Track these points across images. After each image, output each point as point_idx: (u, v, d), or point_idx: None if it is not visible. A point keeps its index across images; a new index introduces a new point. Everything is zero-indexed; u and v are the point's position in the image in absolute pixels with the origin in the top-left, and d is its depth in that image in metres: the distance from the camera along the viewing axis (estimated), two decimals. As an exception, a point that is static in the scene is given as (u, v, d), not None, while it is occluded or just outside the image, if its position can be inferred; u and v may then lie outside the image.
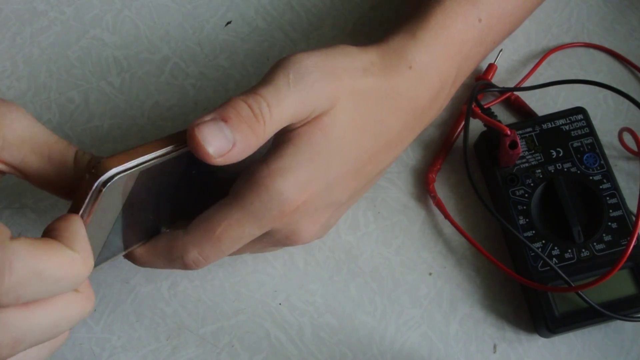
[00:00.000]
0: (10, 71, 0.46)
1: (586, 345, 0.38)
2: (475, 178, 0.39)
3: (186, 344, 0.39)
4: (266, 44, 0.46)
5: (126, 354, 0.38)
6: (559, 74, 0.45)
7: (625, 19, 0.47)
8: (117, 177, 0.27)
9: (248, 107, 0.28)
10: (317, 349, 0.38)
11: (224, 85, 0.45)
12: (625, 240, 0.38)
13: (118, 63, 0.46)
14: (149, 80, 0.45)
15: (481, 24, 0.37)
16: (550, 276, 0.37)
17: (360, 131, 0.33)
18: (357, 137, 0.33)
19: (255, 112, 0.28)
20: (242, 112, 0.28)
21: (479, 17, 0.37)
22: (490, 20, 0.38)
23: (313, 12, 0.47)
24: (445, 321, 0.39)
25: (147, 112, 0.44)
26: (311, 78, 0.30)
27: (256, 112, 0.28)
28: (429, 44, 0.35)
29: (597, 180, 0.39)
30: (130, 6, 0.47)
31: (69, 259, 0.24)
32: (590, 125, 0.41)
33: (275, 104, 0.29)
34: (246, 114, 0.28)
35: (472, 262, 0.40)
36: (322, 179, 0.32)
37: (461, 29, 0.36)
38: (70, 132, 0.44)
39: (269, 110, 0.29)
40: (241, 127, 0.28)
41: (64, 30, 0.47)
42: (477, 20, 0.37)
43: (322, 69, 0.31)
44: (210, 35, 0.47)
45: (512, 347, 0.38)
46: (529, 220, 0.39)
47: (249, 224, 0.31)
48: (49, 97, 0.45)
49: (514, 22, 0.41)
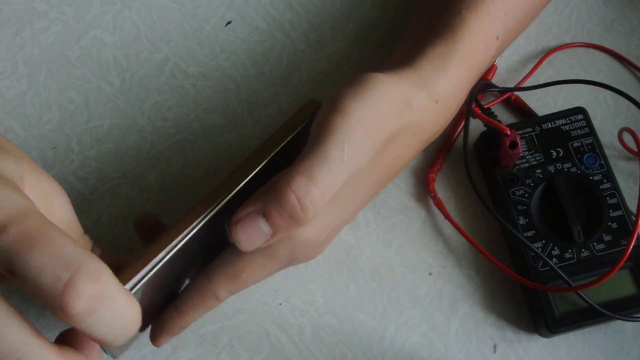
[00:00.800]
0: (10, 71, 0.46)
1: (586, 345, 0.38)
2: (475, 178, 0.39)
3: (186, 344, 0.39)
4: (266, 44, 0.46)
5: (126, 354, 0.38)
6: (559, 74, 0.45)
7: (625, 19, 0.47)
8: (134, 291, 0.27)
9: (295, 198, 0.27)
10: (317, 349, 0.38)
11: (224, 85, 0.45)
12: (625, 240, 0.38)
13: (118, 63, 0.46)
14: (149, 80, 0.45)
15: (498, 41, 0.37)
16: (550, 276, 0.37)
17: (382, 171, 0.33)
18: (378, 177, 0.33)
19: (303, 204, 0.27)
20: (287, 207, 0.27)
21: (497, 34, 0.36)
22: (505, 35, 0.38)
23: (313, 12, 0.47)
24: (445, 321, 0.39)
25: (147, 112, 0.44)
26: (362, 149, 0.29)
27: (304, 205, 0.27)
28: (456, 73, 0.34)
29: (597, 180, 0.39)
30: (130, 6, 0.47)
31: None
32: (590, 125, 0.41)
33: (328, 187, 0.27)
34: (291, 208, 0.27)
35: (472, 262, 0.40)
36: (342, 217, 0.32)
37: (482, 50, 0.35)
38: (70, 132, 0.44)
39: (321, 195, 0.27)
40: (282, 224, 0.27)
41: (64, 30, 0.47)
42: (495, 39, 0.36)
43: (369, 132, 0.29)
44: (210, 35, 0.47)
45: (512, 347, 0.38)
46: (529, 220, 0.39)
47: (273, 266, 0.32)
48: (49, 97, 0.45)
49: (522, 30, 0.41)
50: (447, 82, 0.33)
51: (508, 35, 0.38)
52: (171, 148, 0.43)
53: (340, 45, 0.46)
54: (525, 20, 0.40)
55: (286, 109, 0.44)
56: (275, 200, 0.27)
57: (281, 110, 0.44)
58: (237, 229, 0.28)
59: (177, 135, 0.44)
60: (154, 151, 0.43)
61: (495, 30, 0.36)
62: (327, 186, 0.27)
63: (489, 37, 0.36)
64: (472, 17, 0.35)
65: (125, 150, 0.43)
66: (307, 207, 0.27)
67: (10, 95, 0.45)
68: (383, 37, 0.47)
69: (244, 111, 0.44)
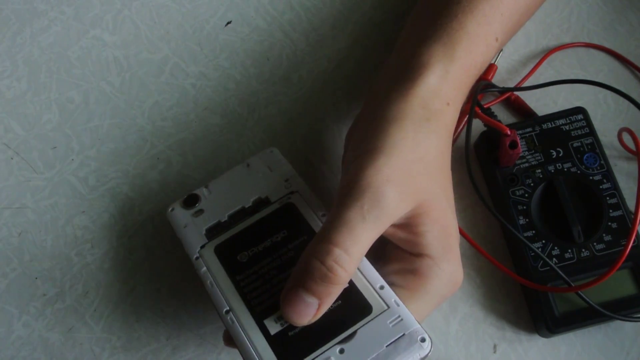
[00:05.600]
0: (10, 71, 0.46)
1: (586, 345, 0.38)
2: (475, 178, 0.39)
3: (186, 344, 0.39)
4: (266, 44, 0.46)
5: (126, 354, 0.38)
6: (559, 74, 0.45)
7: (625, 19, 0.47)
8: None
9: (319, 262, 0.28)
10: (317, 349, 0.38)
11: (224, 85, 0.45)
12: (625, 240, 0.38)
13: (118, 63, 0.46)
14: (149, 80, 0.45)
15: (497, 43, 0.37)
16: (550, 276, 0.37)
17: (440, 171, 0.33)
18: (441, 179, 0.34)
19: (328, 265, 0.28)
20: (316, 274, 0.28)
21: (496, 36, 0.37)
22: (504, 36, 0.38)
23: (313, 12, 0.47)
24: (445, 321, 0.39)
25: (147, 112, 0.44)
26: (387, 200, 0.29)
27: (329, 265, 0.28)
28: (458, 78, 0.35)
29: (597, 180, 0.39)
30: (130, 6, 0.47)
31: None
32: (590, 125, 0.41)
33: (351, 245, 0.29)
34: (320, 274, 0.28)
35: (472, 262, 0.40)
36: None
37: (483, 51, 0.36)
38: (70, 132, 0.44)
39: (347, 255, 0.29)
40: (320, 289, 0.29)
41: (64, 30, 0.47)
42: (494, 40, 0.37)
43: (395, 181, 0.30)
44: (210, 35, 0.47)
45: (512, 347, 0.38)
46: (529, 220, 0.39)
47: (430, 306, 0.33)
48: (49, 97, 0.45)
49: (519, 29, 0.42)
50: (451, 88, 0.34)
51: (506, 35, 0.39)
52: (171, 148, 0.43)
53: (341, 45, 0.46)
54: (523, 18, 0.40)
55: (286, 109, 0.44)
56: (305, 271, 0.29)
57: (281, 110, 0.44)
58: (285, 308, 0.29)
59: (177, 135, 0.44)
60: (154, 151, 0.43)
61: (493, 32, 0.36)
62: (351, 245, 0.29)
63: (488, 38, 0.36)
64: (469, 19, 0.35)
65: (125, 150, 0.43)
66: (332, 266, 0.28)
67: (10, 95, 0.45)
68: (383, 38, 0.47)
69: (244, 111, 0.44)
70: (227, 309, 0.31)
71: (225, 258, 0.34)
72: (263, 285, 0.32)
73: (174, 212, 0.37)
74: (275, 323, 0.30)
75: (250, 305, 0.31)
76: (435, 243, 0.31)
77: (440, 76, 0.33)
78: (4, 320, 0.39)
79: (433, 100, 0.33)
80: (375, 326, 0.29)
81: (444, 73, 0.34)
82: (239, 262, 0.33)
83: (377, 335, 0.29)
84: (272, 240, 0.34)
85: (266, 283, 0.32)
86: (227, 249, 0.34)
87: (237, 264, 0.33)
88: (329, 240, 0.29)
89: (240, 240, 0.34)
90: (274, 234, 0.34)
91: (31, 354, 0.39)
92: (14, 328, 0.39)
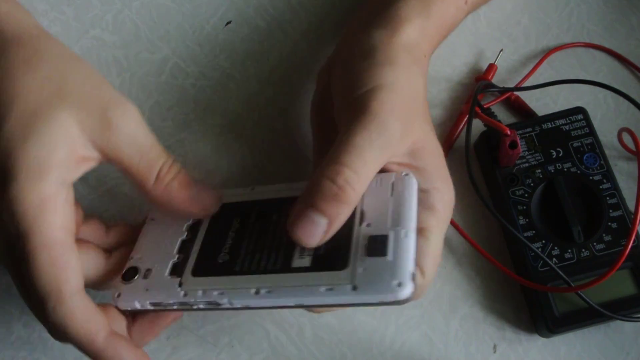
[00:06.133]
0: (10, 71, 0.46)
1: (586, 345, 0.38)
2: (476, 178, 0.39)
3: (186, 344, 0.39)
4: (266, 44, 0.46)
5: (126, 354, 0.38)
6: (559, 74, 0.45)
7: (625, 19, 0.47)
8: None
9: (332, 183, 0.29)
10: (317, 349, 0.38)
11: (224, 85, 0.45)
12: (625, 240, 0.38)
13: (118, 63, 0.46)
14: (149, 80, 0.45)
15: (466, 6, 0.40)
16: (550, 276, 0.37)
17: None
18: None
19: (339, 184, 0.29)
20: (327, 193, 0.29)
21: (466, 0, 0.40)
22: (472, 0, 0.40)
23: (313, 12, 0.47)
24: (445, 321, 0.39)
25: (147, 112, 0.44)
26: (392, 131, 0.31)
27: (340, 184, 0.29)
28: (432, 35, 0.37)
29: (597, 180, 0.39)
30: (130, 6, 0.47)
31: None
32: (590, 125, 0.41)
33: (361, 166, 0.29)
34: (332, 192, 0.29)
35: (472, 262, 0.40)
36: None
37: (453, 14, 0.39)
38: (70, 132, 0.44)
39: (357, 176, 0.29)
40: (331, 208, 0.29)
41: (64, 30, 0.47)
42: (464, 3, 0.39)
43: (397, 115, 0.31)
44: (210, 35, 0.47)
45: (512, 347, 0.38)
46: (529, 220, 0.39)
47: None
48: (49, 97, 0.45)
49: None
50: (427, 45, 0.37)
51: (475, 1, 0.41)
52: (171, 148, 0.43)
53: (340, 45, 0.46)
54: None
55: (286, 109, 0.44)
56: (316, 191, 0.29)
57: (281, 110, 0.44)
58: (294, 228, 0.29)
59: (177, 135, 0.44)
60: (154, 151, 0.43)
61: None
62: (358, 166, 0.29)
63: (459, 1, 0.39)
64: None
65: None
66: (342, 185, 0.29)
67: (10, 95, 0.45)
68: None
69: (244, 111, 0.44)
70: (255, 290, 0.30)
71: (209, 269, 0.32)
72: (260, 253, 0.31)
73: (123, 294, 0.32)
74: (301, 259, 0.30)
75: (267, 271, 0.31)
76: (435, 173, 0.33)
77: (418, 31, 0.35)
78: (4, 320, 0.39)
79: (415, 49, 0.35)
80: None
81: (421, 29, 0.36)
82: (225, 262, 0.32)
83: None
84: (233, 230, 0.33)
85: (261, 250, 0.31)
86: (203, 263, 0.32)
87: (224, 264, 0.32)
88: (340, 162, 0.29)
89: (208, 250, 0.33)
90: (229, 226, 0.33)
91: (31, 354, 0.39)
92: (14, 328, 0.39)
